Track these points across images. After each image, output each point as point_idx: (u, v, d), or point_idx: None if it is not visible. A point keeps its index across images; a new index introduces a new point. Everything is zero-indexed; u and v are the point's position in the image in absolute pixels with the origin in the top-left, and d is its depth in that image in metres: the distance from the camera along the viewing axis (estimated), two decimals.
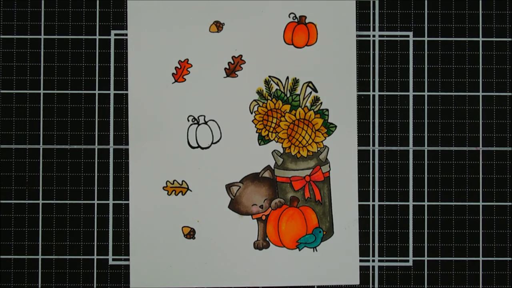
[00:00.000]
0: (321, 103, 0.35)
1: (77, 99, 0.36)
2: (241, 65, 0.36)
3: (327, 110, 0.35)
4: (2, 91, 0.36)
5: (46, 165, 0.36)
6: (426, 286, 0.36)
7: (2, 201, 0.36)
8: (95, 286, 0.35)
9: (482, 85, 0.36)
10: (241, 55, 0.36)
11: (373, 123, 0.36)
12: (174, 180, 0.35)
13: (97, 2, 0.36)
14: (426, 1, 0.36)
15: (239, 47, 0.36)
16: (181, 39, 0.36)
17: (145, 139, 0.35)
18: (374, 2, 0.36)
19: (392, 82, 0.36)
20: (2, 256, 0.36)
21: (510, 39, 0.36)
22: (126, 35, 0.36)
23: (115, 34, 0.36)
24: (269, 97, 0.36)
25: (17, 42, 0.36)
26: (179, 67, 0.36)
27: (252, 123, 0.36)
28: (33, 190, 0.36)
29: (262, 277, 0.35)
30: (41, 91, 0.36)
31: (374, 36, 0.36)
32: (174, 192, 0.36)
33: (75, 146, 0.36)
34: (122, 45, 0.36)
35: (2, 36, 0.36)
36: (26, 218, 0.36)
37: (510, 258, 0.36)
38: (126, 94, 0.36)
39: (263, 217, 0.35)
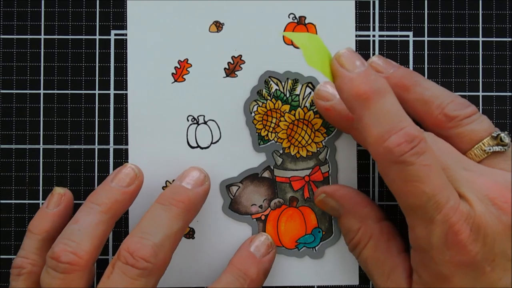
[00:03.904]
0: None
1: (77, 99, 0.36)
2: (241, 65, 0.36)
3: None
4: (2, 91, 0.36)
5: (46, 165, 0.36)
6: None
7: (2, 201, 0.36)
8: (95, 286, 0.35)
9: (482, 85, 0.36)
10: (240, 55, 0.36)
11: None
12: (173, 180, 0.35)
13: (97, 2, 0.36)
14: (426, 1, 0.36)
15: (238, 47, 0.36)
16: (181, 39, 0.36)
17: (144, 139, 0.36)
18: (374, 2, 0.36)
19: None
20: (2, 256, 0.36)
21: (510, 39, 0.36)
22: (126, 35, 0.36)
23: (115, 34, 0.36)
24: (268, 97, 0.36)
25: (17, 42, 0.36)
26: (178, 67, 0.36)
27: (252, 123, 0.36)
28: (33, 190, 0.36)
29: None
30: (41, 91, 0.36)
31: (374, 36, 0.36)
32: None
33: (75, 146, 0.36)
34: (122, 45, 0.36)
35: (2, 36, 0.36)
36: (26, 218, 0.36)
37: None
38: (126, 94, 0.36)
39: (262, 217, 0.35)
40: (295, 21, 0.36)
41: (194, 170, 0.33)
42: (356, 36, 0.36)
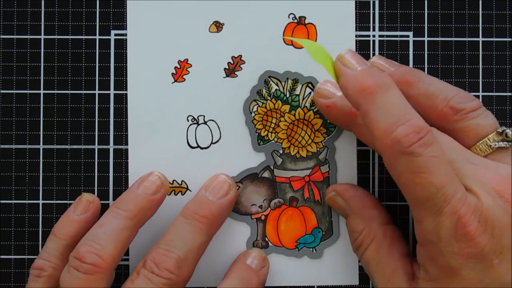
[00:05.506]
0: None
1: (77, 99, 0.36)
2: (241, 65, 0.36)
3: None
4: (2, 91, 0.36)
5: (46, 165, 0.36)
6: None
7: (2, 201, 0.36)
8: None
9: (482, 85, 0.36)
10: (240, 55, 0.36)
11: None
12: (173, 180, 0.36)
13: (97, 2, 0.36)
14: (426, 1, 0.36)
15: (238, 47, 0.36)
16: (181, 39, 0.36)
17: (144, 139, 0.36)
18: (374, 2, 0.36)
19: None
20: (2, 256, 0.36)
21: (510, 39, 0.36)
22: (126, 35, 0.36)
23: (115, 34, 0.36)
24: (268, 97, 0.36)
25: (17, 42, 0.36)
26: (178, 67, 0.36)
27: (252, 123, 0.36)
28: (33, 190, 0.36)
29: None
30: (41, 91, 0.36)
31: (374, 36, 0.36)
32: (173, 192, 0.36)
33: (75, 146, 0.36)
34: (122, 45, 0.36)
35: (2, 36, 0.36)
36: (26, 218, 0.36)
37: None
38: (126, 94, 0.36)
39: (262, 217, 0.35)
40: (295, 21, 0.36)
41: (218, 178, 0.34)
42: (356, 36, 0.36)
